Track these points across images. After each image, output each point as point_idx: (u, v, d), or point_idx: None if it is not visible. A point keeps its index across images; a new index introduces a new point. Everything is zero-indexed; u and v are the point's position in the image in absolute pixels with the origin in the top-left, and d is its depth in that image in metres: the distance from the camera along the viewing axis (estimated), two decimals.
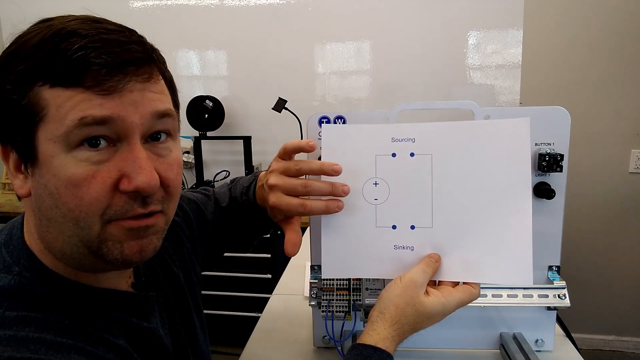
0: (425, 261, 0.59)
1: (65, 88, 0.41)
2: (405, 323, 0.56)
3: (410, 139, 0.61)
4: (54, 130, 0.41)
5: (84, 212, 0.43)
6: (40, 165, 0.43)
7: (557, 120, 0.68)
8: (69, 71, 0.41)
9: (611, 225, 2.17)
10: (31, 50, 0.42)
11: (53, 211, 0.43)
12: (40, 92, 0.41)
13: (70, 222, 0.43)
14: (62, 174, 0.42)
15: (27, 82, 0.42)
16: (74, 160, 0.42)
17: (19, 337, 0.40)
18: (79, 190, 0.42)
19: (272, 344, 0.82)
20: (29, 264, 0.46)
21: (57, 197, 0.42)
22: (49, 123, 0.41)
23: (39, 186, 0.43)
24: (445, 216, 0.60)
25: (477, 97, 2.12)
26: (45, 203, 0.44)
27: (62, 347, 0.41)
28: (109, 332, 0.47)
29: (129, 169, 0.43)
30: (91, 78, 0.41)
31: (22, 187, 0.45)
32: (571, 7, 2.04)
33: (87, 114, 0.41)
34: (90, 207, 0.43)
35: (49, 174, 0.42)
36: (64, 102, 0.41)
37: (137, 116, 0.43)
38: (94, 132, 0.42)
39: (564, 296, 0.71)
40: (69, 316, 0.45)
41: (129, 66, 0.43)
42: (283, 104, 1.95)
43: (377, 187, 0.61)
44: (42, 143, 0.42)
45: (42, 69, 0.41)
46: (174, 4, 2.24)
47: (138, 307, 0.54)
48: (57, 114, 0.41)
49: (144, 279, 0.59)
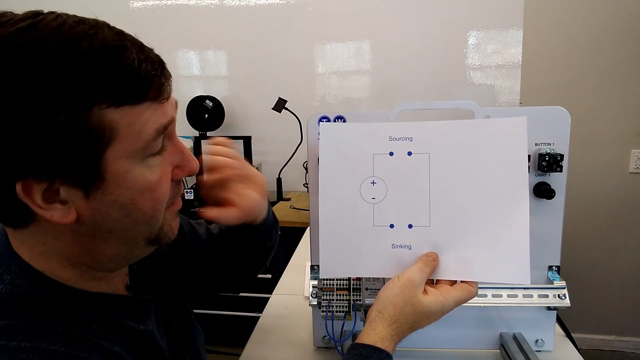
0: (423, 260, 0.59)
1: (132, 105, 0.41)
2: (404, 322, 0.56)
3: (407, 137, 0.61)
4: (128, 147, 0.42)
5: (157, 210, 0.47)
6: (108, 184, 0.42)
7: (557, 120, 0.68)
8: (137, 88, 0.41)
9: (611, 225, 2.17)
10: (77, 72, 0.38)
11: (122, 222, 0.45)
12: (104, 114, 0.39)
13: (142, 225, 0.47)
14: (140, 184, 0.44)
15: (83, 108, 0.39)
16: (148, 169, 0.45)
17: (10, 346, 0.39)
18: (154, 193, 0.46)
19: (272, 344, 0.82)
20: (20, 271, 0.45)
21: (132, 207, 0.45)
22: (121, 142, 0.41)
23: (102, 204, 0.43)
24: (442, 215, 0.60)
25: (477, 97, 2.12)
26: (112, 217, 0.44)
27: (55, 355, 0.41)
28: (104, 338, 0.47)
29: (179, 160, 0.49)
30: (154, 91, 0.43)
31: (67, 215, 0.42)
32: (571, 7, 2.04)
33: (159, 124, 0.44)
34: (163, 204, 0.48)
35: (121, 188, 0.43)
36: (136, 119, 0.42)
37: (176, 113, 0.48)
38: (162, 138, 0.46)
39: (564, 296, 0.71)
40: (63, 323, 0.44)
41: (165, 69, 0.45)
42: (283, 104, 1.95)
43: (374, 186, 0.61)
44: (112, 163, 0.42)
45: (104, 91, 0.39)
46: (174, 4, 2.24)
47: (133, 309, 0.54)
48: (130, 131, 0.42)
49: (140, 281, 0.59)
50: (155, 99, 0.43)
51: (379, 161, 0.61)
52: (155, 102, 0.43)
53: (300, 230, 1.43)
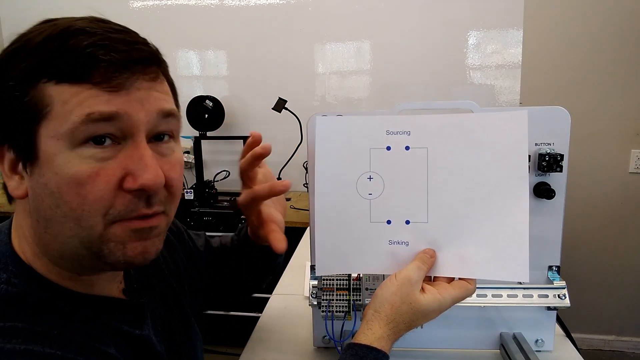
0: (420, 257, 0.58)
1: (71, 84, 0.41)
2: (401, 321, 0.55)
3: (405, 131, 0.60)
4: (58, 127, 0.41)
5: (86, 211, 0.42)
6: (41, 163, 0.42)
7: (557, 120, 0.68)
8: (76, 67, 0.40)
9: (611, 225, 2.17)
10: (36, 47, 0.41)
11: (53, 211, 0.42)
12: (45, 89, 0.41)
13: (71, 222, 0.42)
14: (65, 172, 0.41)
15: (30, 79, 0.41)
16: (78, 158, 0.41)
17: (5, 349, 0.39)
18: (82, 188, 0.41)
19: (272, 344, 0.82)
20: (17, 270, 0.45)
21: (59, 196, 0.41)
22: (52, 120, 0.41)
23: (38, 186, 0.42)
24: (440, 211, 0.59)
25: (477, 97, 2.12)
26: (44, 203, 0.42)
27: (51, 358, 0.40)
28: (100, 341, 0.46)
29: (135, 167, 0.43)
30: (99, 74, 0.41)
31: (17, 188, 0.44)
32: (571, 7, 2.04)
33: (94, 109, 0.40)
34: (93, 206, 0.42)
35: (50, 172, 0.41)
36: (70, 98, 0.40)
37: (143, 114, 0.43)
38: (100, 129, 0.41)
39: (564, 296, 0.71)
40: (59, 325, 0.43)
41: (136, 64, 0.43)
42: (283, 104, 1.95)
43: (371, 181, 0.60)
44: (44, 140, 0.41)
45: (48, 65, 0.41)
46: (174, 4, 2.24)
47: (129, 314, 0.53)
48: (62, 110, 0.40)
49: (136, 285, 0.58)
50: (100, 84, 0.41)
51: (376, 156, 0.60)
52: (98, 88, 0.41)
53: (300, 230, 1.43)
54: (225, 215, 1.87)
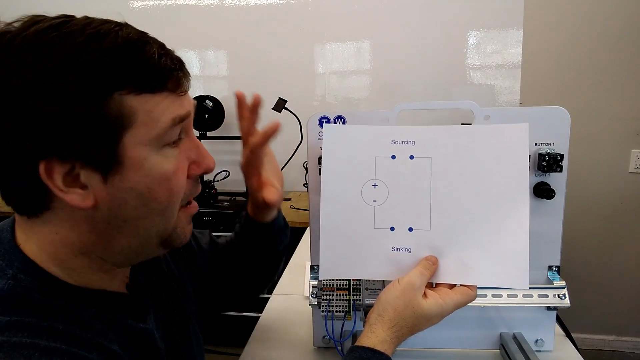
0: (423, 264, 0.60)
1: (152, 94, 0.44)
2: (404, 325, 0.56)
3: (410, 141, 0.61)
4: (145, 134, 0.44)
5: (172, 202, 0.49)
6: (125, 170, 0.44)
7: (557, 120, 0.68)
8: (156, 78, 0.44)
9: (611, 225, 2.17)
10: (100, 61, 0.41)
11: (137, 210, 0.46)
12: (124, 101, 0.43)
13: (156, 216, 0.48)
14: (157, 172, 0.46)
15: (103, 94, 0.41)
16: (164, 158, 0.46)
17: (11, 342, 0.40)
18: (170, 183, 0.47)
19: (272, 344, 0.82)
20: (23, 266, 0.46)
21: (148, 195, 0.46)
22: (138, 128, 0.44)
23: (119, 191, 0.45)
24: (443, 219, 0.60)
25: (477, 97, 2.12)
26: (128, 205, 0.46)
27: (55, 352, 0.41)
28: (103, 337, 0.47)
29: (196, 156, 0.51)
30: (173, 82, 0.46)
31: (84, 200, 0.44)
32: (571, 7, 2.04)
33: (176, 114, 0.46)
34: (177, 196, 0.49)
35: (138, 175, 0.45)
36: (154, 107, 0.44)
37: (193, 111, 0.50)
38: (179, 129, 0.48)
39: (564, 296, 0.71)
40: (63, 320, 0.44)
41: (184, 67, 0.48)
42: (283, 104, 1.95)
43: (376, 188, 0.62)
44: (130, 148, 0.44)
45: (126, 79, 0.43)
46: (174, 4, 2.24)
47: (133, 308, 0.54)
48: (148, 118, 0.44)
49: (140, 281, 0.59)
50: (174, 90, 0.46)
51: (381, 164, 0.62)
52: (173, 94, 0.46)
53: (300, 230, 1.43)
54: (225, 215, 1.87)
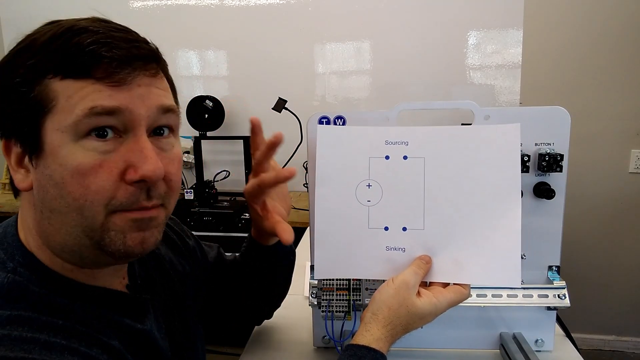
0: (416, 263, 0.60)
1: (75, 80, 0.43)
2: (398, 324, 0.57)
3: (403, 142, 0.62)
4: (63, 120, 0.43)
5: (89, 201, 0.43)
6: (46, 155, 0.43)
7: (557, 120, 0.68)
8: (80, 63, 0.42)
9: (611, 225, 2.17)
10: (42, 45, 0.43)
11: (57, 201, 0.44)
12: (50, 84, 0.43)
13: (74, 212, 0.44)
14: (70, 163, 0.43)
15: (36, 75, 0.43)
16: (82, 150, 0.43)
17: (12, 336, 0.40)
18: (85, 179, 0.43)
19: (272, 344, 0.82)
20: (23, 260, 0.46)
21: (63, 187, 0.43)
22: (57, 114, 0.43)
23: (43, 177, 0.44)
24: (436, 218, 0.61)
25: (477, 97, 2.12)
26: (49, 194, 0.44)
27: (55, 347, 0.41)
28: (103, 333, 0.47)
29: (135, 159, 0.44)
30: (102, 70, 0.43)
31: (23, 181, 0.46)
32: (571, 7, 2.04)
33: (97, 104, 0.42)
34: (95, 196, 0.43)
35: (55, 163, 0.43)
36: (74, 93, 0.42)
37: (144, 109, 0.45)
38: (103, 122, 0.43)
39: (563, 296, 0.71)
40: (63, 316, 0.45)
41: (137, 61, 0.45)
42: (283, 104, 1.95)
43: (370, 189, 0.62)
44: (50, 133, 0.43)
45: (53, 62, 0.43)
46: (174, 4, 2.24)
47: (131, 308, 0.54)
48: (67, 104, 0.42)
49: (139, 281, 0.59)
50: (103, 79, 0.43)
51: (375, 164, 0.62)
52: (102, 84, 0.43)
53: (300, 230, 1.42)
54: (225, 215, 1.87)
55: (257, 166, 0.62)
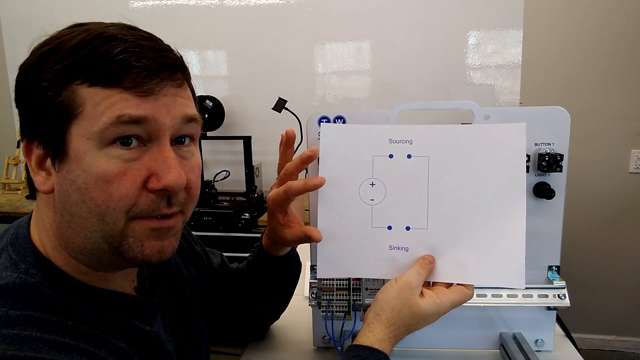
0: (419, 263, 0.60)
1: (103, 87, 0.43)
2: (401, 324, 0.57)
3: (407, 140, 0.61)
4: (89, 127, 0.43)
5: (111, 208, 0.44)
6: (70, 160, 0.44)
7: (557, 120, 0.68)
8: (110, 72, 0.43)
9: (611, 225, 2.17)
10: (70, 50, 0.43)
11: (79, 206, 0.44)
12: (77, 90, 0.43)
13: (95, 218, 0.45)
14: (94, 170, 0.43)
15: (64, 80, 0.43)
16: (106, 157, 0.43)
17: (22, 336, 0.40)
18: (109, 186, 0.44)
19: (272, 344, 0.82)
20: (35, 261, 0.47)
21: (85, 192, 0.44)
22: (84, 120, 0.43)
23: (65, 181, 0.44)
24: (440, 218, 0.61)
25: (477, 97, 2.12)
26: (71, 198, 0.45)
27: (64, 348, 0.42)
28: (111, 334, 0.47)
29: (159, 168, 0.45)
30: (130, 80, 0.43)
31: (44, 184, 0.46)
32: (571, 7, 2.04)
33: (124, 112, 0.43)
34: (118, 203, 0.44)
35: (79, 169, 0.44)
36: (102, 101, 0.43)
37: (169, 118, 0.46)
38: (129, 130, 0.44)
39: (563, 296, 0.71)
40: (72, 316, 0.45)
41: (164, 71, 0.45)
42: (283, 104, 1.95)
43: (373, 187, 0.62)
44: (75, 139, 0.43)
45: (82, 68, 0.43)
46: (174, 4, 2.24)
47: (140, 310, 0.54)
48: (94, 111, 0.43)
49: (147, 284, 0.59)
50: (131, 88, 0.43)
51: (379, 163, 0.62)
52: (129, 92, 0.43)
53: None
54: (225, 215, 1.87)
55: (286, 177, 0.62)
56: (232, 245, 1.82)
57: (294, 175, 0.62)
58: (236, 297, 0.78)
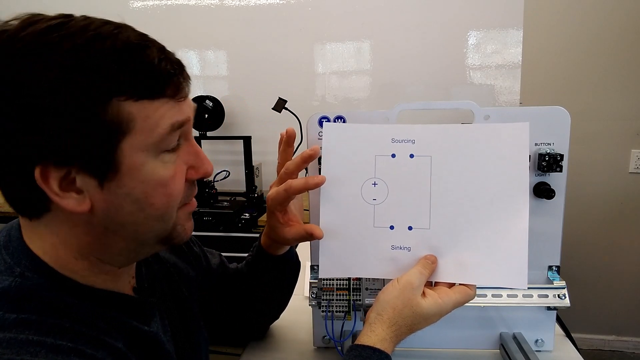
0: (422, 263, 0.60)
1: (151, 100, 0.44)
2: (403, 324, 0.56)
3: (410, 140, 0.61)
4: (144, 140, 0.44)
5: (170, 207, 0.48)
6: (122, 175, 0.44)
7: (557, 120, 0.68)
8: (155, 84, 0.44)
9: (611, 225, 2.17)
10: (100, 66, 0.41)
11: (134, 215, 0.46)
12: (123, 106, 0.42)
13: (154, 220, 0.48)
14: (154, 178, 0.46)
15: (103, 98, 0.41)
16: (161, 164, 0.46)
17: (18, 339, 0.40)
18: (167, 189, 0.47)
19: (272, 344, 0.82)
20: (30, 264, 0.46)
21: (144, 201, 0.46)
22: (136, 135, 0.43)
23: (116, 197, 0.44)
24: (442, 218, 0.60)
25: (477, 97, 2.12)
26: (123, 210, 0.45)
27: (62, 350, 0.41)
28: (109, 335, 0.47)
29: (194, 161, 0.50)
30: (172, 88, 0.45)
31: (80, 204, 0.44)
32: (571, 7, 2.04)
33: (174, 120, 0.46)
34: (176, 201, 0.49)
35: (134, 181, 0.45)
36: (152, 113, 0.44)
37: (193, 115, 0.50)
38: (177, 135, 0.47)
39: (563, 296, 0.71)
40: (69, 318, 0.45)
41: (185, 71, 0.48)
42: (283, 104, 1.95)
43: (375, 187, 0.62)
44: (129, 154, 0.43)
45: (124, 84, 0.42)
46: (174, 4, 2.24)
47: (138, 310, 0.54)
48: (146, 124, 0.44)
49: (146, 284, 0.59)
50: (173, 96, 0.45)
51: (381, 162, 0.61)
52: (172, 100, 0.45)
53: None
54: (225, 215, 1.87)
55: (286, 175, 0.62)
56: (232, 245, 1.82)
57: (294, 174, 0.62)
58: (236, 297, 0.77)
